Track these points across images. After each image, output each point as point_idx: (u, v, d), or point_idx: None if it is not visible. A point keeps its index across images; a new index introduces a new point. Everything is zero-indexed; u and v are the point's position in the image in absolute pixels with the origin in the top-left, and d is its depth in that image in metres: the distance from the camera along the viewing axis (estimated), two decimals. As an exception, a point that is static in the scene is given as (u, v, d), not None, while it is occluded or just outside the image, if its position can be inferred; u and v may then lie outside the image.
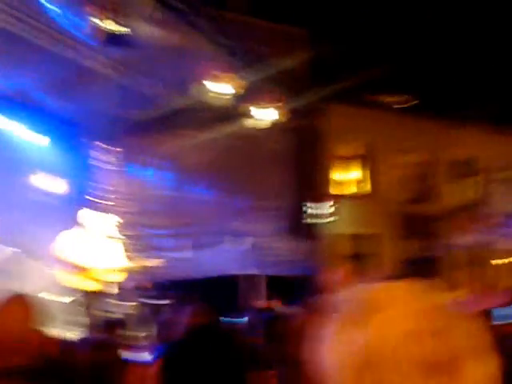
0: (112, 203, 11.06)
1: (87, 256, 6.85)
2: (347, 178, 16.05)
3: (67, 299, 7.57)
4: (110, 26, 6.12)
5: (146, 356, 3.82)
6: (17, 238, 8.59)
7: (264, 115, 8.37)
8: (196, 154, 11.50)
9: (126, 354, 2.78)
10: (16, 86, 8.71)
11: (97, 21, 6.18)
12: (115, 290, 7.13)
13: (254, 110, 8.37)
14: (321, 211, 9.27)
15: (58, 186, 10.78)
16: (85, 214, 8.25)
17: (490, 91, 14.62)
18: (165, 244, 11.07)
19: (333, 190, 10.98)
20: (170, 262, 9.78)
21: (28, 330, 1.73)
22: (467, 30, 13.75)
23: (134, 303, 7.64)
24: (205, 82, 7.33)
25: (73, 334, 6.82)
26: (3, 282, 7.54)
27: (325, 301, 2.57)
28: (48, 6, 7.04)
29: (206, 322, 3.22)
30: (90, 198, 10.58)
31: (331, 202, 9.49)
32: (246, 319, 3.72)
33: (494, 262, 14.68)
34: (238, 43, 7.68)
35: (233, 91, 7.36)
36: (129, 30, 6.26)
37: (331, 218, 9.28)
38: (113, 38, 6.20)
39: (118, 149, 11.41)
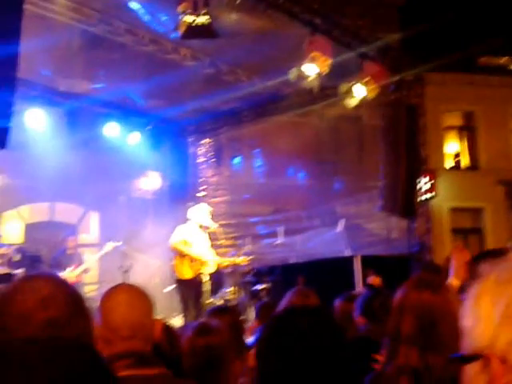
0: (208, 194, 11.33)
1: (187, 246, 7.03)
2: (448, 150, 15.25)
3: (171, 288, 7.84)
4: (196, 18, 6.12)
5: (248, 340, 3.81)
6: (123, 233, 9.10)
7: (361, 92, 7.96)
8: (290, 138, 11.42)
9: (228, 339, 2.77)
10: (116, 91, 9.08)
11: (181, 14, 6.22)
12: (214, 278, 7.27)
13: (351, 88, 7.99)
14: (422, 186, 8.83)
15: (158, 182, 11.24)
16: (183, 207, 8.49)
17: None
18: (260, 231, 11.15)
19: (433, 164, 10.45)
20: (266, 248, 9.82)
21: (142, 317, 1.84)
22: None
23: (234, 289, 7.76)
24: (298, 64, 7.11)
25: (177, 321, 7.07)
26: (115, 274, 8.00)
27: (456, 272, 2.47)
28: (134, 6, 7.26)
29: (306, 304, 3.16)
30: (188, 191, 10.90)
31: (432, 177, 9.01)
32: (338, 300, 3.59)
33: None
34: (329, 20, 7.35)
35: (327, 70, 7.02)
36: (212, 19, 6.23)
37: (432, 193, 8.80)
38: (197, 30, 6.20)
39: (212, 141, 11.62)
